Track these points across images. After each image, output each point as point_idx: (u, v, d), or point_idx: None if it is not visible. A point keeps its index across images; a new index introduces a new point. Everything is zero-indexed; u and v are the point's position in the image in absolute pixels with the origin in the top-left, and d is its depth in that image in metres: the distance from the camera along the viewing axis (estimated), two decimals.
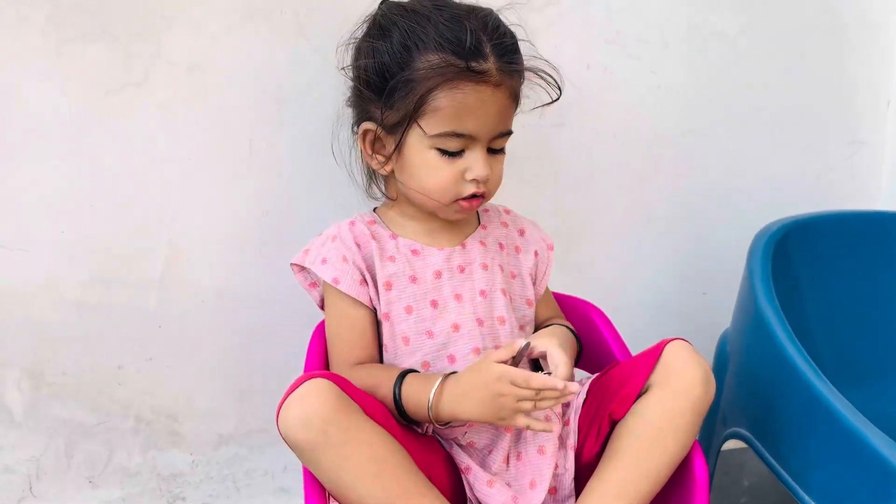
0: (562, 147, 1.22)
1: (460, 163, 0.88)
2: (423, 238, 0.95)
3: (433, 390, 0.83)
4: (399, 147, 0.89)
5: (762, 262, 1.04)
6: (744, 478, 1.41)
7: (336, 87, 0.97)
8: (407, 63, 0.86)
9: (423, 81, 0.85)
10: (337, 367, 0.92)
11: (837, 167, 1.39)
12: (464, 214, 0.93)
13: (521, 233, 1.01)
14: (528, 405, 0.80)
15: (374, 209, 1.00)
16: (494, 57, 0.86)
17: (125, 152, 1.03)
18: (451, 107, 0.86)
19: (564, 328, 0.96)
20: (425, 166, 0.89)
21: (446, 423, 0.85)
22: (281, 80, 1.07)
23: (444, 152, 0.88)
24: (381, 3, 0.92)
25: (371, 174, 0.99)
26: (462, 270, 0.94)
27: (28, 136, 0.99)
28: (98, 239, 1.04)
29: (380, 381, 0.87)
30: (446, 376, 0.84)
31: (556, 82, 0.94)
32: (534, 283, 1.00)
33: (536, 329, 1.00)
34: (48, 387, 1.05)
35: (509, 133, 0.91)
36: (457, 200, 0.90)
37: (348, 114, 0.97)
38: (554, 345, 0.85)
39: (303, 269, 0.95)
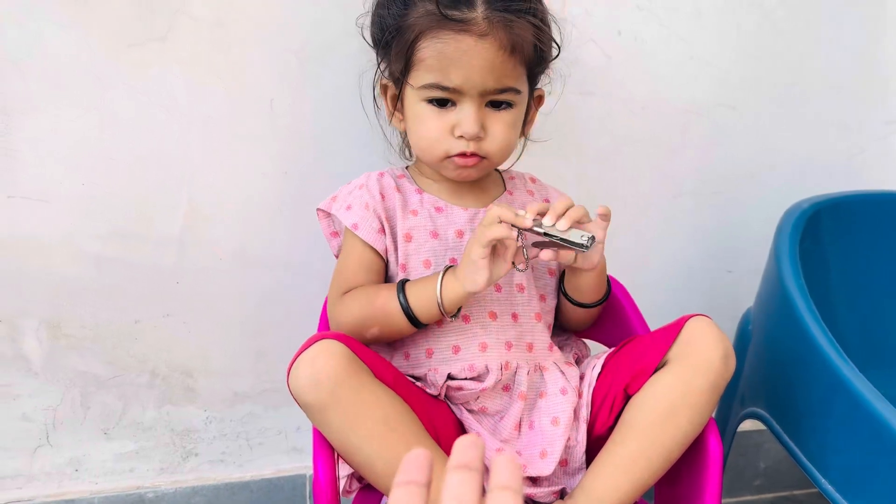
0: (588, 116, 1.20)
1: (450, 117, 0.86)
2: (448, 196, 0.94)
3: (441, 276, 0.84)
4: (400, 101, 0.88)
5: (790, 239, 1.02)
6: (760, 460, 1.40)
7: (361, 45, 0.96)
8: (401, 13, 0.85)
9: (409, 31, 0.84)
10: (332, 294, 0.91)
11: (871, 147, 1.36)
12: (461, 173, 0.89)
13: (547, 201, 0.99)
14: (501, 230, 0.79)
15: (407, 166, 0.99)
16: (486, 6, 0.82)
17: (146, 107, 1.02)
18: (432, 57, 0.83)
19: None
20: (417, 120, 0.87)
21: (455, 315, 0.86)
22: (304, 37, 1.05)
23: (434, 104, 0.86)
24: None
25: (404, 133, 0.97)
26: None
27: (49, 87, 0.98)
28: (117, 193, 1.03)
29: (375, 294, 0.87)
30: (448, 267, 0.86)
31: (554, 40, 0.89)
32: None
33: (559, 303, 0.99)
34: (66, 338, 1.06)
35: (512, 90, 0.86)
36: (449, 157, 0.88)
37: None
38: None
39: (328, 216, 0.94)
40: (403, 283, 0.87)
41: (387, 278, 0.93)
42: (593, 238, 0.79)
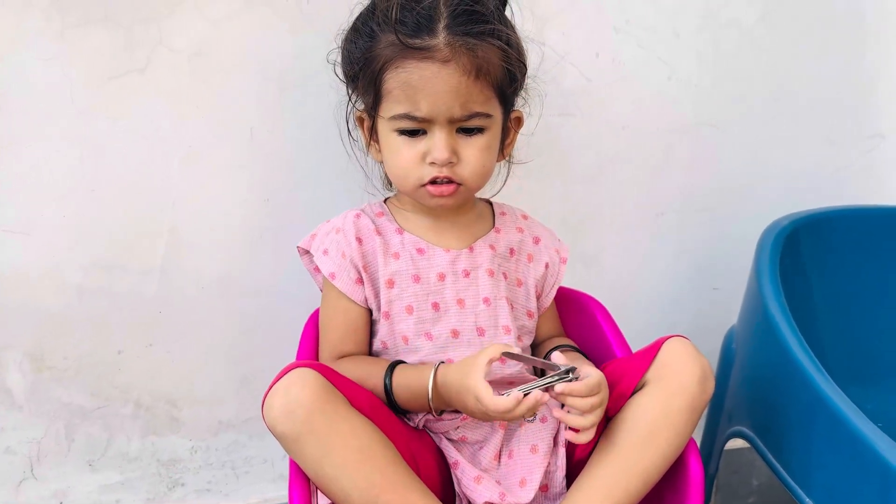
0: (570, 138, 1.20)
1: (421, 145, 0.86)
2: (429, 235, 0.93)
3: (430, 382, 0.82)
4: (374, 132, 0.89)
5: (770, 257, 1.02)
6: (753, 477, 1.39)
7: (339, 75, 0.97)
8: (367, 46, 0.85)
9: (374, 63, 0.84)
10: (324, 355, 0.91)
11: (856, 161, 1.36)
12: (439, 202, 0.88)
13: (536, 241, 0.99)
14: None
15: (386, 199, 0.99)
16: (447, 32, 0.82)
17: (127, 138, 1.02)
18: (398, 88, 0.83)
19: (580, 355, 0.95)
20: (390, 150, 0.88)
21: (442, 412, 0.85)
22: (283, 67, 1.06)
23: (404, 133, 0.86)
24: None
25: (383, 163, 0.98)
26: (467, 275, 0.92)
27: (31, 120, 0.99)
28: (99, 224, 1.04)
29: (369, 373, 0.86)
30: (438, 367, 0.83)
31: (520, 60, 0.88)
32: (539, 296, 0.98)
33: (534, 343, 0.99)
34: (49, 370, 1.06)
35: (481, 115, 0.85)
36: (423, 186, 0.87)
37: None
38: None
39: (308, 252, 0.95)
40: (393, 367, 0.86)
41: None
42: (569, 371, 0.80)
